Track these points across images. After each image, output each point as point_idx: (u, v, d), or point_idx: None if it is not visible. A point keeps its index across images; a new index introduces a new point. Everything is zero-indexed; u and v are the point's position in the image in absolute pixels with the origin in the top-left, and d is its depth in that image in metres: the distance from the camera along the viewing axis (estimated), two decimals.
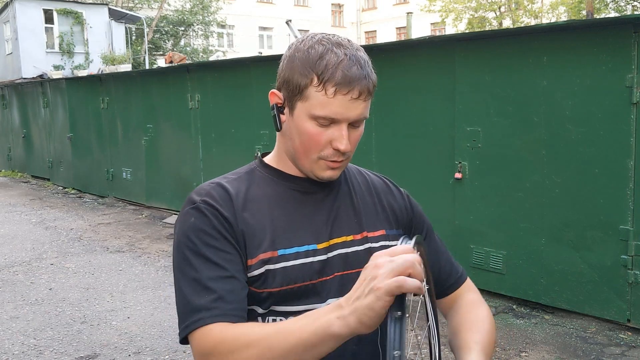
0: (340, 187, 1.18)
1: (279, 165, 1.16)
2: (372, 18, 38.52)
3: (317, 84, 1.02)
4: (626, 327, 3.93)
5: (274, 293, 1.06)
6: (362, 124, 1.09)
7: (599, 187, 3.95)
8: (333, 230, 1.13)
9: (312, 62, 1.03)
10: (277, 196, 1.12)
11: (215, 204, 1.06)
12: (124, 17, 20.78)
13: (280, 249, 1.07)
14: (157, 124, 8.52)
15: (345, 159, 1.10)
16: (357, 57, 1.04)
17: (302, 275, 1.07)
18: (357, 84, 1.02)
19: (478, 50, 4.58)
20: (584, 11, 18.44)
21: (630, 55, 3.73)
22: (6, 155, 13.95)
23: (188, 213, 1.06)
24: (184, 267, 1.03)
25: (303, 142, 1.07)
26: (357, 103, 1.03)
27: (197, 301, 0.99)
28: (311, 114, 1.04)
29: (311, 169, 1.10)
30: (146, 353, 3.84)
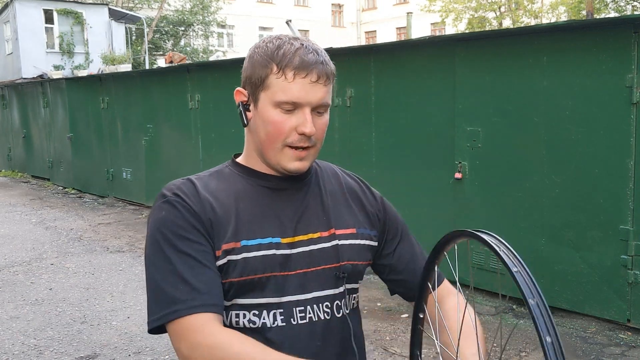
0: (310, 186, 1.19)
1: (249, 162, 1.18)
2: (372, 18, 38.52)
3: (276, 71, 1.06)
4: (626, 327, 3.93)
5: (234, 283, 1.07)
6: (327, 112, 1.12)
7: (599, 187, 3.95)
8: (299, 226, 1.14)
9: (270, 53, 1.08)
10: (244, 191, 1.14)
11: (185, 197, 1.08)
12: (124, 17, 20.78)
13: (243, 240, 1.08)
14: (157, 124, 8.52)
15: (312, 146, 1.11)
16: (314, 47, 1.10)
17: (262, 266, 1.08)
18: (315, 67, 1.06)
19: (478, 50, 4.58)
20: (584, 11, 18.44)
21: (630, 55, 3.73)
22: (6, 155, 13.95)
23: (159, 207, 1.09)
24: (157, 259, 1.05)
25: (268, 132, 1.09)
26: (317, 87, 1.06)
27: (173, 292, 1.01)
28: (274, 101, 1.07)
29: (277, 161, 1.11)
30: (146, 353, 3.84)
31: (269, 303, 1.09)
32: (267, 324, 1.08)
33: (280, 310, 1.09)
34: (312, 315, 1.11)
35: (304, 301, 1.11)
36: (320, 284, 1.13)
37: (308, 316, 1.11)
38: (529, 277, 0.72)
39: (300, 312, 1.10)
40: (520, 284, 0.71)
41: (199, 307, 0.99)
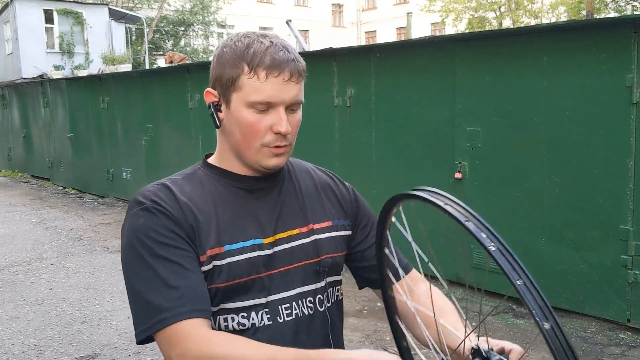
0: (284, 184, 1.19)
1: (222, 164, 1.16)
2: (372, 18, 38.53)
3: (248, 72, 1.05)
4: (626, 327, 3.93)
5: (221, 289, 1.07)
6: (299, 109, 1.12)
7: (599, 187, 3.95)
8: (278, 225, 1.14)
9: (240, 53, 1.06)
10: (220, 194, 1.13)
11: (163, 203, 1.06)
12: (124, 17, 20.78)
13: (226, 244, 1.08)
14: (157, 124, 8.52)
15: (288, 144, 1.11)
16: (284, 44, 1.09)
17: (247, 269, 1.08)
18: (287, 65, 1.05)
19: (478, 50, 4.58)
20: (584, 11, 18.45)
21: (630, 55, 3.73)
22: (6, 155, 13.95)
23: (136, 215, 1.05)
24: (138, 268, 1.02)
25: (244, 133, 1.08)
26: (290, 85, 1.06)
27: (158, 300, 0.98)
28: (247, 101, 1.06)
29: (256, 160, 1.10)
30: (146, 353, 3.84)
31: (256, 304, 1.09)
32: (255, 324, 1.09)
33: (266, 309, 1.10)
34: (297, 311, 1.12)
35: (288, 298, 1.12)
36: (303, 280, 1.14)
37: (294, 312, 1.12)
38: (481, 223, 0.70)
39: (285, 308, 1.11)
40: (473, 232, 0.69)
41: (186, 314, 0.98)
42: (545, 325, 0.61)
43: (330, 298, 1.19)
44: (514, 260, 0.65)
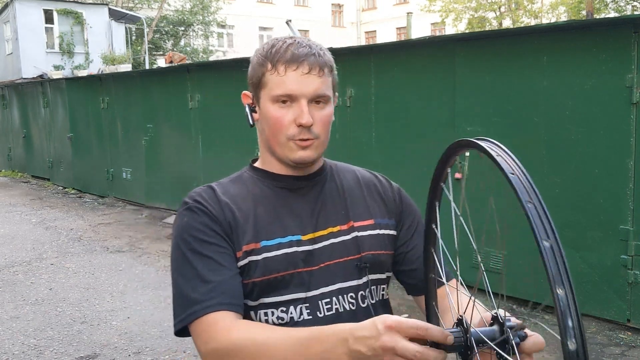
0: (325, 183, 1.21)
1: (264, 165, 1.21)
2: (372, 18, 38.53)
3: (270, 68, 1.10)
4: (626, 327, 3.94)
5: (257, 283, 1.09)
6: (328, 105, 1.13)
7: (599, 187, 3.95)
8: (319, 222, 1.16)
9: (265, 53, 1.12)
10: (262, 194, 1.17)
11: (204, 202, 1.12)
12: (124, 17, 20.78)
13: (263, 240, 1.11)
14: (157, 124, 8.52)
15: (315, 138, 1.12)
16: (309, 42, 1.13)
17: (284, 265, 1.10)
18: (305, 59, 1.08)
19: (478, 50, 4.58)
20: (584, 11, 18.44)
21: (630, 55, 3.73)
22: (6, 155, 13.95)
23: (181, 214, 1.13)
24: (179, 264, 1.09)
25: (271, 128, 1.12)
26: (310, 78, 1.08)
27: (193, 294, 1.04)
28: (271, 96, 1.10)
29: (284, 154, 1.13)
30: (146, 353, 3.84)
31: (295, 299, 1.11)
32: (294, 318, 1.11)
33: (306, 304, 1.11)
34: (337, 306, 1.13)
35: (328, 293, 1.13)
36: (343, 276, 1.15)
37: (334, 307, 1.13)
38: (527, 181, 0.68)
39: (326, 303, 1.13)
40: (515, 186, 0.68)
41: (215, 306, 1.02)
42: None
43: (374, 296, 1.19)
44: (547, 220, 0.64)
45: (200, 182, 7.76)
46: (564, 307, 0.59)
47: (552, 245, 0.62)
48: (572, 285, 0.60)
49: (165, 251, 6.41)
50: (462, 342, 0.79)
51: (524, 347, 0.82)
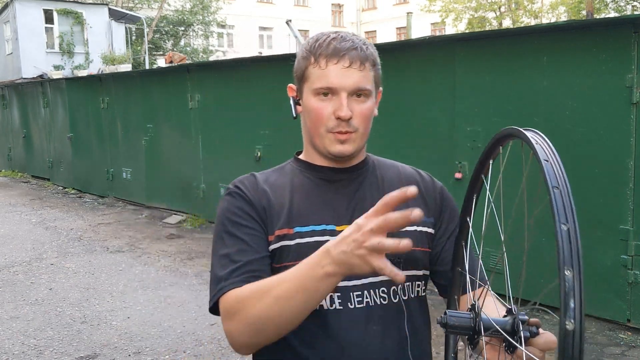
0: (365, 177, 1.23)
1: (307, 157, 1.24)
2: (372, 18, 38.53)
3: (313, 62, 1.12)
4: (626, 327, 3.94)
5: (289, 267, 1.10)
6: (369, 99, 1.15)
7: (599, 187, 3.95)
8: (354, 215, 1.16)
9: (309, 47, 1.15)
10: (301, 183, 1.20)
11: (243, 188, 1.18)
12: (124, 17, 20.78)
13: (296, 226, 1.14)
14: (157, 124, 8.52)
15: (354, 131, 1.13)
16: (352, 37, 1.14)
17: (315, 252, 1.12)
18: (347, 53, 1.10)
19: (478, 50, 4.58)
20: (584, 11, 18.44)
21: (630, 55, 3.73)
22: (6, 155, 13.96)
23: (223, 199, 1.20)
24: (216, 245, 1.15)
25: (311, 120, 1.15)
26: (351, 72, 1.10)
27: (221, 272, 1.09)
28: (312, 89, 1.13)
29: (323, 146, 1.16)
30: (146, 353, 3.84)
31: None
32: (324, 306, 1.11)
33: (337, 294, 1.12)
34: (368, 300, 1.13)
35: (360, 286, 1.13)
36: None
37: (365, 300, 1.13)
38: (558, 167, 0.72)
39: (357, 296, 1.13)
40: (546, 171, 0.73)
41: (238, 283, 1.06)
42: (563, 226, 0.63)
43: (408, 292, 1.18)
44: (570, 207, 0.67)
45: (200, 182, 7.78)
46: (569, 289, 0.60)
47: (569, 230, 0.64)
48: (582, 270, 0.62)
49: (165, 251, 6.41)
50: (471, 326, 0.81)
51: (534, 342, 0.83)
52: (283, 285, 0.96)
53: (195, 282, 5.29)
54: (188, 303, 4.73)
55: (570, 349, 0.59)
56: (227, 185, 1.21)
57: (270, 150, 6.66)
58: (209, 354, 3.81)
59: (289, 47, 25.13)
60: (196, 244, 6.72)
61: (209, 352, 3.83)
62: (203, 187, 7.73)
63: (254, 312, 0.99)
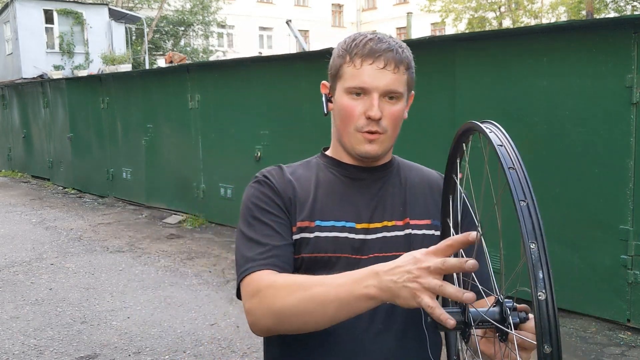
0: (389, 177, 1.24)
1: (334, 153, 1.26)
2: (372, 18, 38.52)
3: (348, 61, 1.14)
4: (626, 327, 3.94)
5: (306, 259, 1.14)
6: (400, 102, 1.16)
7: (599, 187, 3.95)
8: (375, 214, 1.19)
9: (346, 46, 1.16)
10: (325, 178, 1.22)
11: (271, 177, 1.21)
12: (124, 17, 20.78)
13: (317, 220, 1.16)
14: (157, 124, 8.52)
15: (383, 132, 1.15)
16: (389, 39, 1.16)
17: (334, 247, 1.14)
18: (382, 54, 1.11)
19: (478, 50, 4.58)
20: (584, 11, 18.45)
21: (630, 55, 3.73)
22: (6, 155, 13.96)
23: (250, 186, 1.22)
24: (243, 229, 1.17)
25: (342, 117, 1.16)
26: (384, 73, 1.11)
27: (248, 253, 1.12)
28: (345, 87, 1.14)
29: (351, 145, 1.17)
30: (146, 353, 3.84)
31: None
32: None
33: None
34: None
35: None
36: None
37: None
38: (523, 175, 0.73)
39: None
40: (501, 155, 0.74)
41: (264, 265, 1.09)
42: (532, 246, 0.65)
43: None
44: (526, 184, 0.70)
45: (200, 182, 7.78)
46: (535, 260, 0.63)
47: (528, 205, 0.67)
48: (545, 241, 0.64)
49: (165, 251, 6.41)
50: (462, 320, 0.83)
51: (525, 327, 0.84)
52: (321, 289, 0.96)
53: (195, 282, 5.30)
54: (188, 303, 4.73)
55: (546, 318, 0.62)
56: (227, 184, 1.23)
57: (270, 150, 6.66)
58: (209, 354, 3.81)
59: (289, 47, 25.13)
60: (196, 244, 6.72)
61: (209, 352, 3.83)
62: (203, 187, 7.73)
63: (284, 302, 1.00)
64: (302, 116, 6.17)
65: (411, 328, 1.16)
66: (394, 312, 1.14)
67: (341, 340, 1.12)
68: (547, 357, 0.62)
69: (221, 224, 7.49)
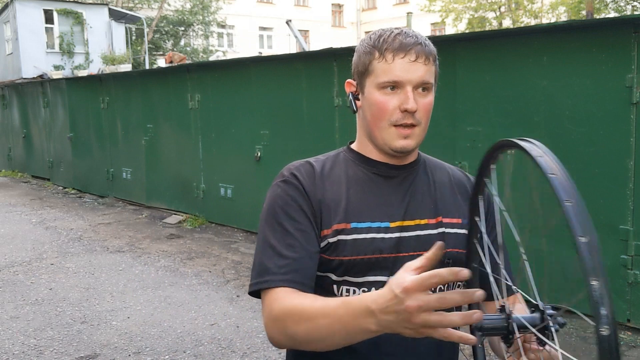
0: (418, 174, 1.24)
1: (361, 149, 1.25)
2: (372, 18, 38.52)
3: (378, 57, 1.14)
4: (626, 327, 3.94)
5: (345, 262, 1.13)
6: (430, 93, 1.17)
7: (599, 187, 3.95)
8: (407, 212, 1.18)
9: (373, 42, 1.16)
10: (356, 177, 1.21)
11: (301, 177, 1.18)
12: (124, 17, 20.78)
13: (353, 222, 1.15)
14: (157, 124, 8.52)
15: (417, 125, 1.15)
16: (415, 33, 1.16)
17: (372, 248, 1.14)
18: (413, 47, 1.12)
19: (478, 50, 4.58)
20: (584, 11, 18.44)
21: (630, 55, 3.73)
22: (6, 155, 13.96)
23: (277, 185, 1.19)
24: (266, 232, 1.15)
25: (373, 113, 1.16)
26: (417, 66, 1.12)
27: (268, 263, 1.11)
28: (377, 83, 1.14)
29: (384, 140, 1.16)
30: (146, 353, 3.84)
31: (377, 281, 1.13)
32: None
33: None
34: None
35: None
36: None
37: None
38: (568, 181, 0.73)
39: None
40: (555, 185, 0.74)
41: (285, 282, 1.08)
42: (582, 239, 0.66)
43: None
44: (585, 218, 0.70)
45: (200, 182, 7.78)
46: (598, 297, 0.64)
47: (588, 241, 0.67)
48: (607, 278, 0.64)
49: (165, 251, 6.41)
50: (504, 326, 0.85)
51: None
52: (325, 321, 0.96)
53: (195, 282, 5.30)
54: (188, 303, 4.73)
55: (608, 353, 0.63)
56: (227, 184, 1.21)
57: (270, 150, 6.66)
58: (209, 354, 3.81)
59: (289, 47, 25.12)
60: (196, 244, 6.72)
61: (209, 352, 3.83)
62: (203, 187, 7.73)
63: (295, 329, 1.01)
64: (302, 116, 6.17)
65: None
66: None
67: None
68: None
69: (221, 224, 7.49)
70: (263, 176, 6.62)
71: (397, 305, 0.82)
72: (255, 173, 6.78)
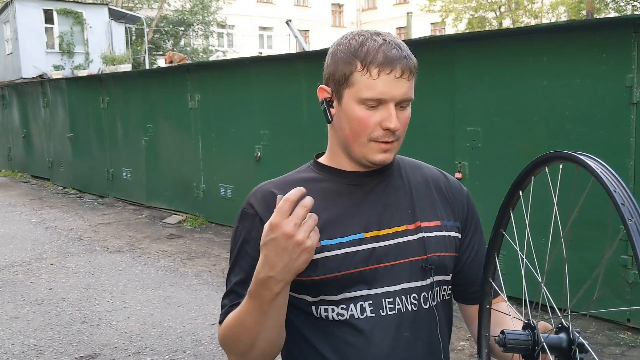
0: (391, 179, 1.20)
1: (331, 162, 1.20)
2: (372, 18, 38.51)
3: (361, 69, 1.07)
4: (626, 327, 3.94)
5: (317, 281, 1.11)
6: (409, 106, 1.14)
7: (598, 187, 3.94)
8: (383, 220, 1.15)
9: (354, 50, 1.09)
10: (325, 191, 1.16)
11: (258, 207, 1.16)
12: (124, 17, 20.78)
13: (324, 239, 1.10)
14: (157, 124, 8.52)
15: (396, 140, 1.12)
16: (396, 41, 1.11)
17: (345, 264, 1.10)
18: (398, 62, 1.07)
19: (478, 50, 4.58)
20: (584, 11, 18.45)
21: (630, 55, 3.73)
22: (6, 155, 13.96)
23: (237, 219, 1.20)
24: (230, 262, 1.20)
25: (353, 128, 1.10)
26: (401, 82, 1.08)
27: (225, 298, 1.16)
28: (359, 97, 1.08)
29: (363, 154, 1.12)
30: (146, 353, 3.84)
31: (356, 297, 1.11)
32: (354, 315, 1.11)
33: (369, 302, 1.11)
34: (400, 307, 1.12)
35: (392, 292, 1.12)
36: (408, 276, 1.13)
37: (397, 307, 1.12)
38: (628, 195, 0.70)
39: (389, 302, 1.12)
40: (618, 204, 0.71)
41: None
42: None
43: (437, 297, 1.17)
44: None
45: (200, 182, 7.78)
46: None
47: None
48: None
49: (165, 251, 6.41)
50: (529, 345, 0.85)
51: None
52: (245, 317, 1.05)
53: (195, 282, 5.30)
54: (188, 303, 4.73)
55: None
56: (227, 184, 1.22)
57: (270, 150, 6.66)
58: (209, 354, 3.81)
59: (289, 47, 25.13)
60: (196, 244, 6.72)
61: (209, 352, 3.83)
62: (203, 187, 7.73)
63: (239, 351, 1.11)
64: (302, 116, 6.17)
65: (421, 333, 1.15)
66: (403, 320, 1.12)
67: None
68: None
69: (221, 224, 7.49)
70: (263, 176, 6.61)
71: (279, 243, 0.94)
72: (255, 173, 6.78)
